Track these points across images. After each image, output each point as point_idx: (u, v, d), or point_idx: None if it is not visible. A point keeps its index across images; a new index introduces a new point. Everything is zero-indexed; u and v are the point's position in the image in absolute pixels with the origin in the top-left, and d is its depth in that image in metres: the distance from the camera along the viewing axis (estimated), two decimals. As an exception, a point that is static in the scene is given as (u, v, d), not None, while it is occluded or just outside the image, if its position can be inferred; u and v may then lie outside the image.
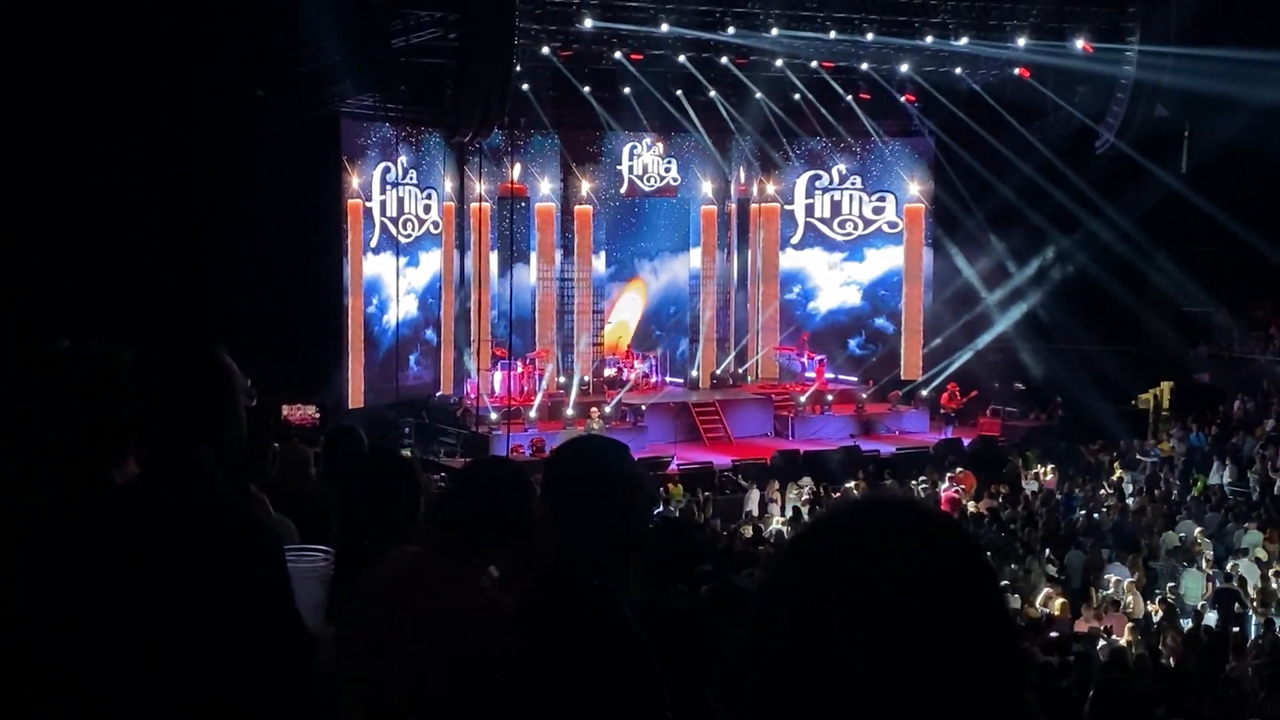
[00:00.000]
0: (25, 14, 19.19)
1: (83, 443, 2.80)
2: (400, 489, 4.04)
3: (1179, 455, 26.06)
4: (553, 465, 3.20)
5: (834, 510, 1.37)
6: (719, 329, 32.99)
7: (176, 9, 21.02)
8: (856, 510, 1.33)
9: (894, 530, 1.29)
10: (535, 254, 30.81)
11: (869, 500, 1.36)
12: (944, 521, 1.33)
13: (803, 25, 28.25)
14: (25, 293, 16.60)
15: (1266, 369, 28.93)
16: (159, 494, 2.75)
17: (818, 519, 1.38)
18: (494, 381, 28.59)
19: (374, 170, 27.61)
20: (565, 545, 3.07)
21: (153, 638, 2.60)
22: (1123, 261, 29.55)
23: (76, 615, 2.61)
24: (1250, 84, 24.67)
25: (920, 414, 30.84)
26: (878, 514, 1.31)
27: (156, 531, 2.68)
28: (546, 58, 28.22)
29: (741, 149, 32.33)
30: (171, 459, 2.80)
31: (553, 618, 2.97)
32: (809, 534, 1.33)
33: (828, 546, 1.29)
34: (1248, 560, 17.84)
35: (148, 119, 20.86)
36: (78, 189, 20.21)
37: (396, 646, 3.25)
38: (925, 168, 32.75)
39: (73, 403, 2.81)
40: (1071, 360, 29.34)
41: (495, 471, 3.51)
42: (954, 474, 23.91)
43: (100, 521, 2.71)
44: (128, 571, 2.63)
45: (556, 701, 2.90)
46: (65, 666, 2.61)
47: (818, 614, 1.24)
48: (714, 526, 19.90)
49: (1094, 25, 28.74)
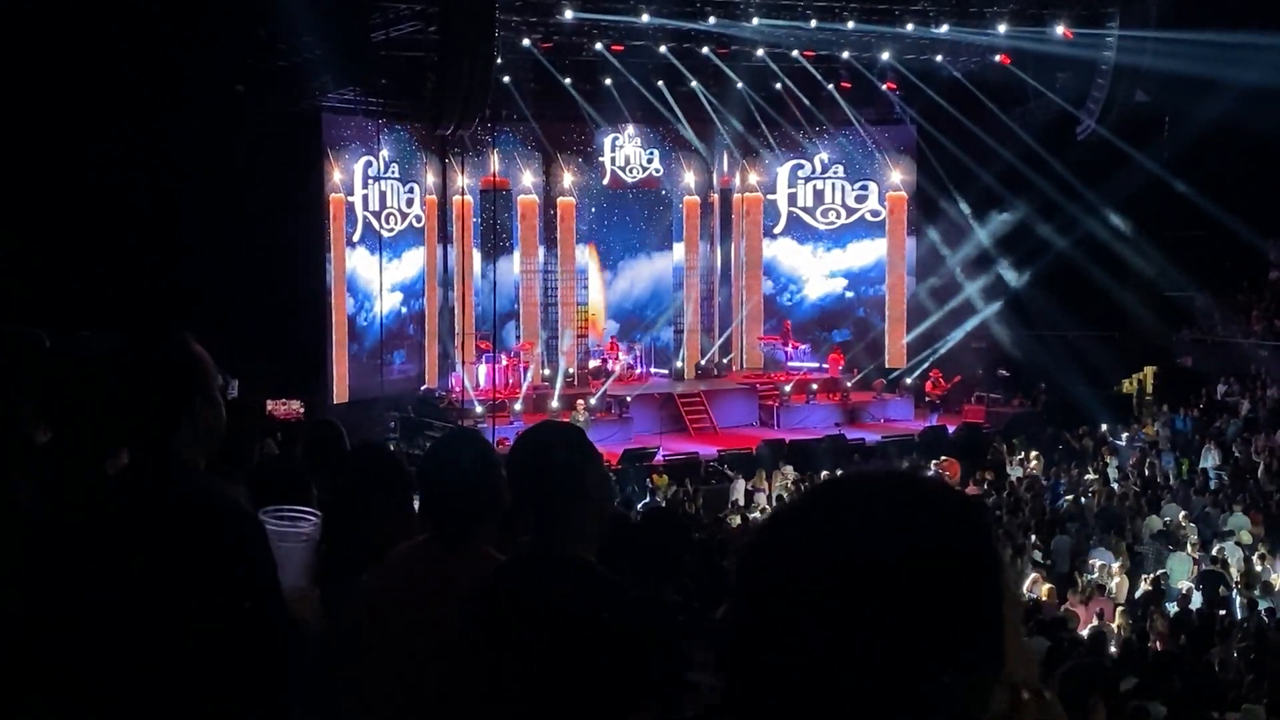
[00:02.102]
0: (3, 10, 19.10)
1: (74, 437, 2.79)
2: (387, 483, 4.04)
3: (1163, 439, 26.13)
4: (514, 457, 3.25)
5: (829, 481, 1.33)
6: (703, 319, 33.00)
7: (156, 5, 20.92)
8: (854, 480, 1.30)
9: (895, 501, 1.25)
10: (518, 247, 30.78)
11: (868, 473, 1.30)
12: (952, 495, 1.28)
13: (783, 14, 28.26)
14: (7, 289, 16.52)
15: (1249, 352, 29.02)
16: (140, 486, 2.75)
17: (811, 490, 1.33)
18: (479, 374, 28.56)
19: (355, 164, 27.59)
20: (536, 528, 3.13)
21: (137, 628, 2.60)
22: (1105, 247, 29.63)
23: (66, 607, 2.62)
24: (1231, 67, 24.73)
25: (905, 402, 30.89)
26: (878, 484, 1.27)
27: (138, 523, 2.68)
28: (527, 50, 28.15)
29: (723, 139, 32.29)
30: (150, 450, 2.80)
31: (532, 589, 2.99)
32: (802, 502, 1.30)
33: (818, 515, 1.26)
34: (1232, 543, 17.92)
35: (128, 115, 20.79)
36: (59, 184, 20.14)
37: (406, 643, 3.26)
38: (907, 156, 32.77)
39: (64, 397, 2.80)
40: (1054, 346, 29.38)
41: (464, 453, 3.51)
42: (938, 461, 23.95)
43: (88, 514, 2.72)
44: (112, 561, 2.63)
45: (544, 670, 2.94)
46: (53, 659, 2.61)
47: (801, 583, 1.20)
48: (701, 517, 19.91)
49: (1074, 10, 28.79)
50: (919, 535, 1.22)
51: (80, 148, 20.26)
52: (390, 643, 3.34)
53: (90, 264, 19.95)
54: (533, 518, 3.13)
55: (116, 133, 20.67)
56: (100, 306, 17.51)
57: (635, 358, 31.03)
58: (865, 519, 1.23)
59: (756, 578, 1.26)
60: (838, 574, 1.19)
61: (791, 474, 23.34)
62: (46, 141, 19.77)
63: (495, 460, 3.52)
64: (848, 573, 1.19)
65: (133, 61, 20.63)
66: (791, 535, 1.25)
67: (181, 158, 21.85)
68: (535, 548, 3.11)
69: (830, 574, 1.20)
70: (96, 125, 20.42)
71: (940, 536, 1.23)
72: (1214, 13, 25.16)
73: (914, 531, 1.22)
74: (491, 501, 3.39)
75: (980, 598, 1.23)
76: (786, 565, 1.23)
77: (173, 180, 21.92)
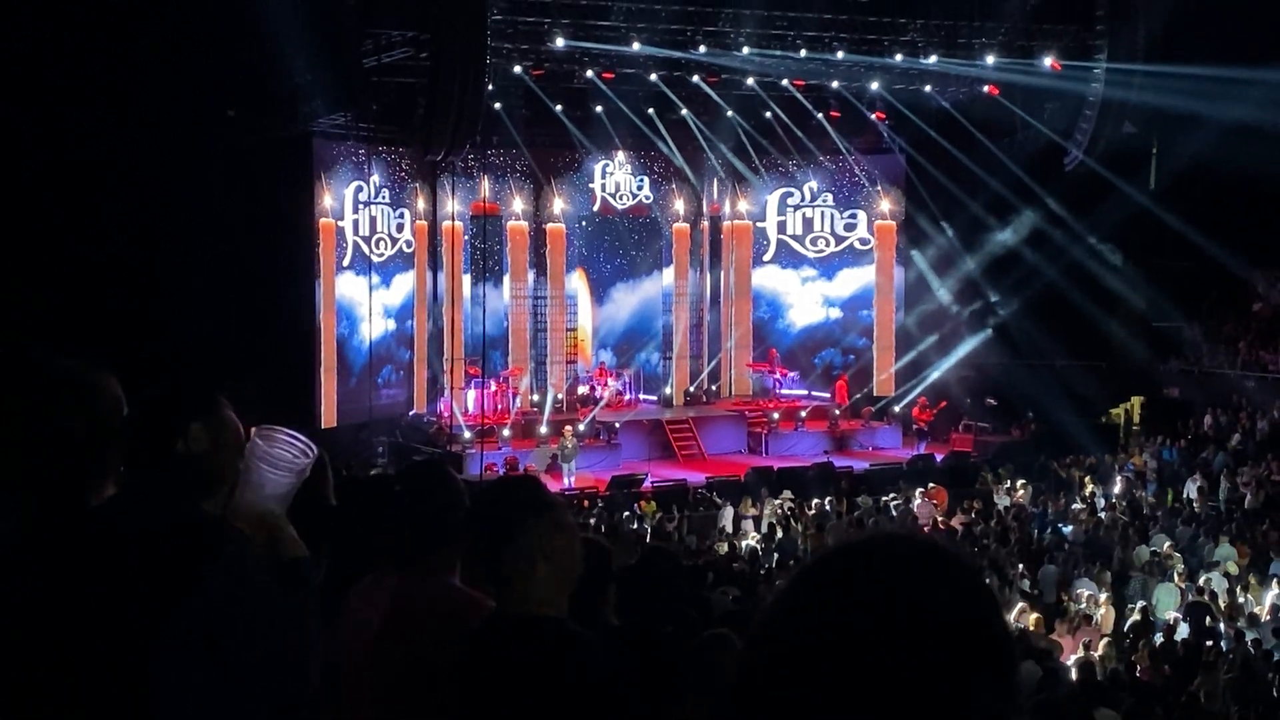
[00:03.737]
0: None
1: (58, 465, 2.78)
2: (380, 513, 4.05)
3: (1150, 470, 26.19)
4: (472, 520, 3.19)
5: (846, 542, 1.36)
6: (692, 346, 33.02)
7: (148, 29, 20.97)
8: (872, 543, 1.33)
9: (912, 564, 1.29)
10: (508, 273, 30.81)
11: (885, 535, 1.34)
12: (962, 562, 1.33)
13: (773, 44, 28.40)
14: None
15: (1235, 383, 29.12)
16: (126, 514, 2.75)
17: (832, 548, 1.37)
18: (468, 400, 28.54)
19: (346, 189, 27.62)
20: (499, 590, 3.08)
21: (117, 656, 2.59)
22: (1093, 277, 29.74)
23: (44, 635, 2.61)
24: (1217, 101, 24.91)
25: (893, 430, 30.92)
26: (895, 548, 1.32)
27: (121, 551, 2.68)
28: (518, 76, 28.24)
29: (713, 167, 32.38)
30: (140, 479, 2.82)
31: (501, 654, 2.99)
32: (827, 560, 1.33)
33: (842, 576, 1.30)
34: (1219, 574, 17.94)
35: (120, 137, 20.81)
36: (46, 204, 20.13)
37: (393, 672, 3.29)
38: (896, 185, 32.88)
39: (49, 424, 2.79)
40: (1042, 375, 29.46)
41: (423, 483, 3.53)
42: (925, 490, 23.97)
43: (68, 543, 2.70)
44: (93, 591, 2.63)
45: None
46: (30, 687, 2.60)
47: (823, 642, 1.25)
48: (689, 545, 19.88)
49: (1062, 43, 29.00)
50: (939, 612, 1.27)
51: (70, 168, 20.27)
52: (352, 667, 3.39)
53: (79, 286, 19.93)
54: (495, 580, 3.09)
55: (107, 155, 20.69)
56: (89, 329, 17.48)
57: (624, 384, 31.04)
58: (883, 601, 1.27)
59: (771, 659, 1.29)
60: (855, 650, 1.24)
61: (788, 498, 23.30)
62: (35, 162, 19.77)
63: (456, 491, 3.53)
64: (865, 649, 1.24)
65: (124, 85, 20.67)
66: (807, 614, 1.29)
67: (172, 181, 21.87)
68: (502, 610, 3.08)
69: (848, 650, 1.24)
70: (86, 147, 20.43)
71: (956, 611, 1.28)
72: (1200, 48, 25.37)
73: (933, 609, 1.27)
74: (448, 532, 3.39)
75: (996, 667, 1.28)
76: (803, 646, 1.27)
77: (163, 203, 21.93)
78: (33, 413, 2.77)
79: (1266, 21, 25.52)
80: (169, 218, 22.03)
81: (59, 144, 20.06)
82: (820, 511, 22.46)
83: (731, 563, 17.11)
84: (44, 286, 19.31)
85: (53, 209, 20.15)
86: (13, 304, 17.64)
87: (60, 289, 19.50)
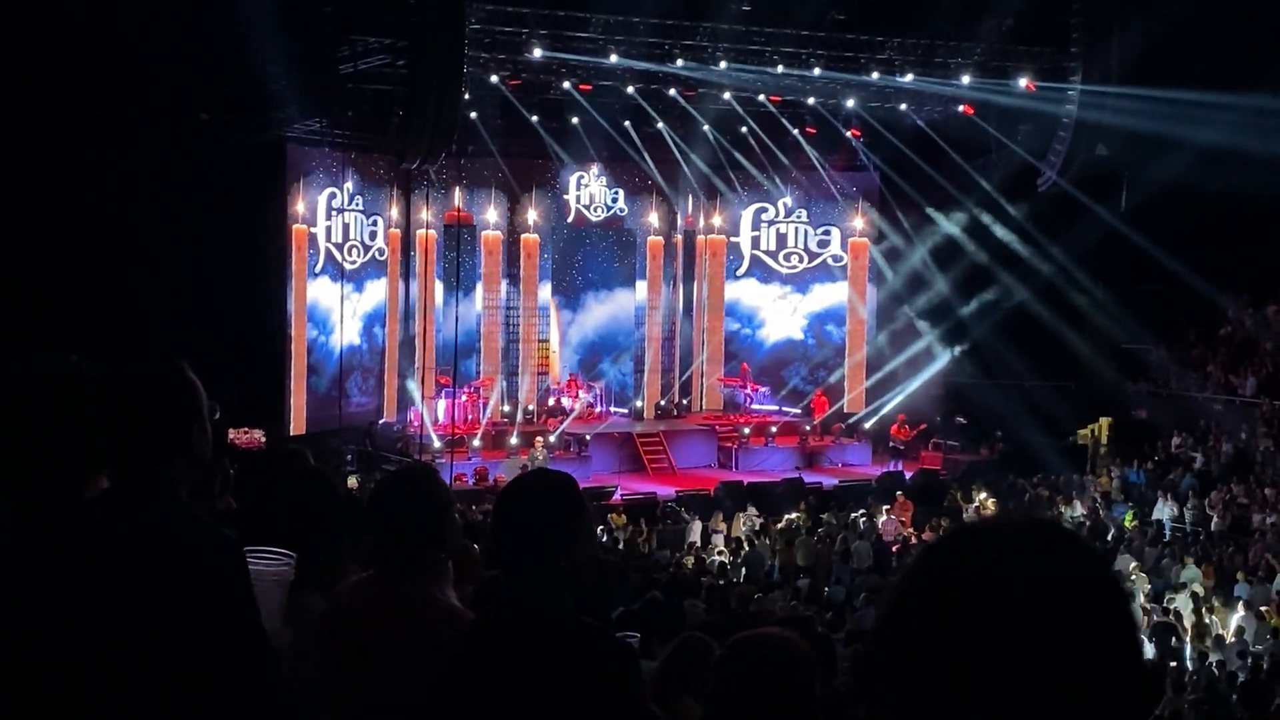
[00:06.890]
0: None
1: (52, 459, 2.77)
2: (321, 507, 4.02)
3: (1117, 491, 26.31)
4: (509, 499, 3.22)
5: (985, 521, 1.38)
6: (664, 359, 33.00)
7: (121, 32, 20.85)
8: (1007, 524, 1.35)
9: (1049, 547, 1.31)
10: (481, 282, 30.71)
11: (1020, 518, 1.37)
12: (1087, 546, 1.35)
13: (751, 59, 28.52)
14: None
15: (1204, 406, 29.29)
16: (124, 510, 2.74)
17: (965, 526, 1.38)
18: (438, 409, 28.44)
19: (319, 195, 27.54)
20: (514, 570, 3.12)
21: (116, 653, 2.59)
22: (1063, 297, 29.88)
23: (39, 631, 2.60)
24: (1189, 125, 25.09)
25: (863, 447, 30.99)
26: (1028, 530, 1.33)
27: (120, 547, 2.67)
28: (495, 86, 28.19)
29: (688, 180, 32.40)
30: (139, 475, 2.80)
31: (514, 638, 3.01)
32: (963, 536, 1.35)
33: (981, 553, 1.31)
34: (1185, 595, 18.03)
35: (92, 142, 20.68)
36: (18, 209, 19.99)
37: (365, 677, 3.26)
38: (870, 202, 32.99)
39: (43, 419, 2.78)
40: (1012, 395, 29.55)
41: (411, 489, 3.51)
42: (891, 504, 24.09)
43: (64, 538, 2.70)
44: (91, 587, 2.62)
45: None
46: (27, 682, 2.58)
47: (964, 615, 1.25)
48: (659, 559, 19.82)
49: (1037, 64, 29.21)
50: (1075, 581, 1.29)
51: (40, 174, 20.13)
52: (336, 676, 3.36)
53: (51, 289, 19.79)
54: (512, 566, 3.11)
55: (80, 160, 20.56)
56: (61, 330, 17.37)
57: (595, 396, 31.01)
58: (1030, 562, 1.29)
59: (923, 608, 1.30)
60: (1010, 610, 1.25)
61: (755, 515, 23.33)
62: (5, 168, 19.63)
63: (444, 499, 3.51)
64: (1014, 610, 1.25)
65: (99, 90, 20.55)
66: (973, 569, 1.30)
67: (144, 185, 21.73)
68: (512, 598, 3.10)
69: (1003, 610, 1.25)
70: (57, 151, 20.30)
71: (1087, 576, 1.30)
72: (1174, 72, 25.58)
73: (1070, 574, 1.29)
74: (436, 539, 3.38)
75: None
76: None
77: (135, 207, 21.79)
78: (19, 405, 2.77)
79: (1239, 47, 25.74)
80: (139, 222, 21.88)
81: (30, 147, 19.92)
82: (789, 527, 22.50)
83: (700, 576, 17.08)
84: (13, 287, 19.17)
85: (16, 212, 19.99)
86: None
87: (31, 291, 19.36)
